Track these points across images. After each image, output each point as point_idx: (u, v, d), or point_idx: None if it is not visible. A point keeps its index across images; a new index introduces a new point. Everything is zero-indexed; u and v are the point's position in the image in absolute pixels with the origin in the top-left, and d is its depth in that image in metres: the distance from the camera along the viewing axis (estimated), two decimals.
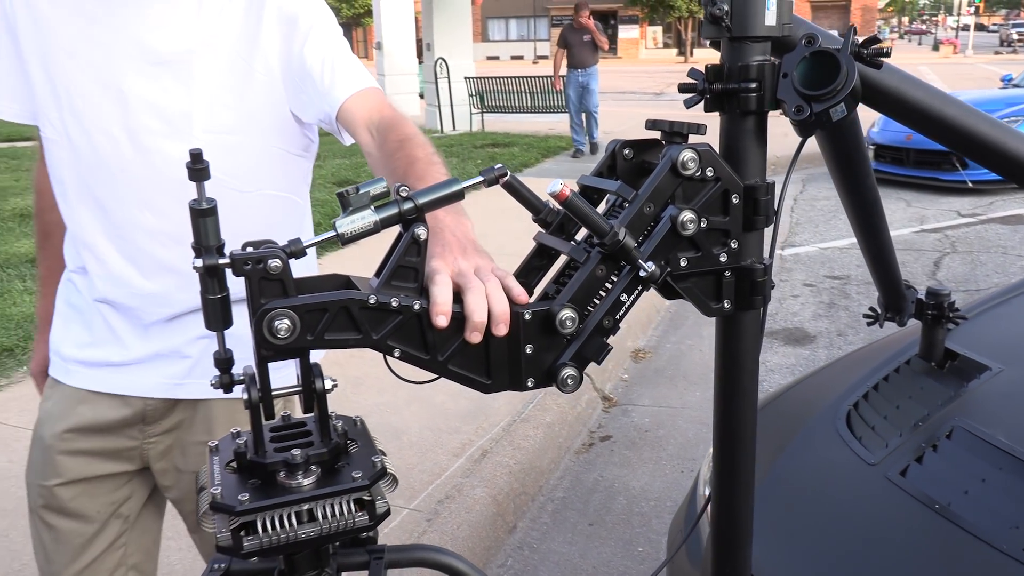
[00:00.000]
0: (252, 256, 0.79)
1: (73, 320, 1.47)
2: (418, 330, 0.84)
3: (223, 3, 1.34)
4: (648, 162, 1.00)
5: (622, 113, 15.91)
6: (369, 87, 1.35)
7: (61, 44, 1.32)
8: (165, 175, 1.34)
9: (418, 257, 0.85)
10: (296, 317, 0.79)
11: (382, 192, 0.84)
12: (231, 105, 1.35)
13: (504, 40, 52.83)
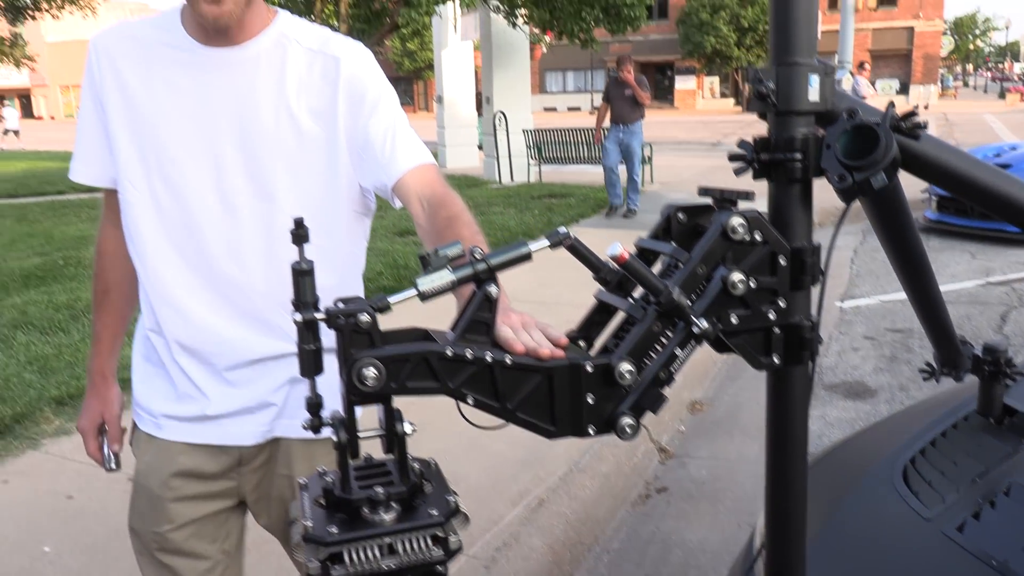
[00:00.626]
0: (344, 311, 0.89)
1: (154, 376, 1.57)
2: (490, 380, 0.93)
3: (302, 76, 1.46)
4: (701, 225, 1.08)
5: (679, 164, 15.98)
6: (425, 163, 1.46)
7: (149, 114, 1.45)
8: (251, 231, 1.46)
9: (490, 313, 0.94)
10: (382, 366, 0.88)
11: (458, 254, 0.94)
12: (312, 169, 1.47)
13: (561, 92, 53.66)
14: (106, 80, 1.47)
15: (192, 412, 1.54)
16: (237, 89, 1.44)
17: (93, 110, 1.50)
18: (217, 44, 1.43)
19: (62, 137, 36.41)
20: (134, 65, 1.46)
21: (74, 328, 5.41)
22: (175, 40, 1.45)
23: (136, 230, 1.49)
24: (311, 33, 1.51)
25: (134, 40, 1.48)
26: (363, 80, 1.48)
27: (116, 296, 1.66)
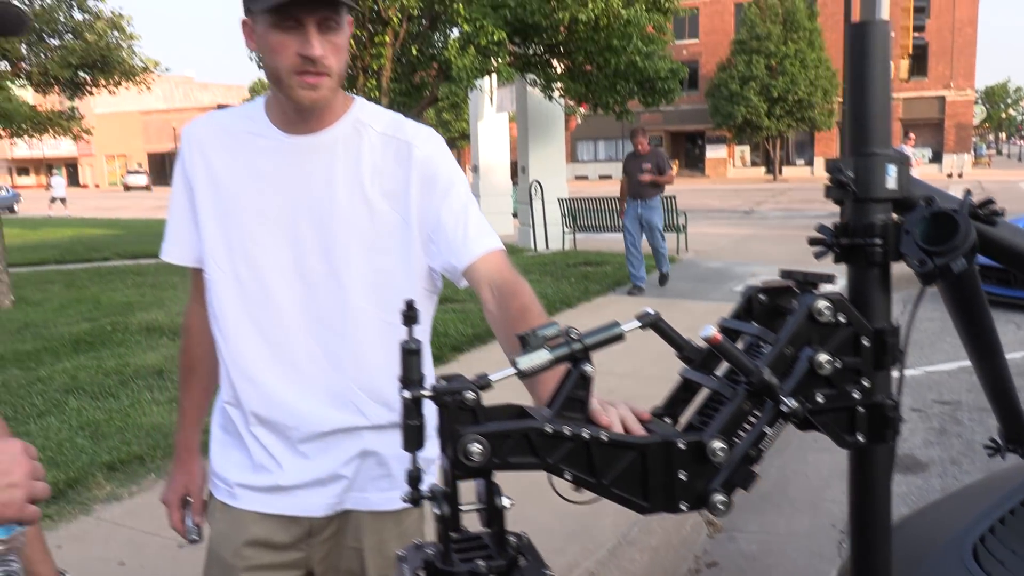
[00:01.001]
0: (451, 389, 0.93)
1: (231, 446, 1.63)
2: (586, 456, 0.96)
3: (376, 160, 1.54)
4: (780, 306, 1.12)
5: (713, 232, 16.05)
6: (495, 249, 1.52)
7: (234, 196, 1.53)
8: (326, 309, 1.53)
9: (585, 391, 0.98)
10: (486, 442, 0.92)
11: (555, 335, 0.99)
12: (385, 249, 1.53)
13: (592, 160, 54.43)
14: (196, 166, 1.56)
15: (266, 482, 1.58)
16: (315, 173, 1.52)
17: (183, 195, 1.59)
18: (298, 132, 1.52)
19: (107, 205, 37.54)
20: (221, 152, 1.55)
21: (123, 393, 5.51)
22: (259, 129, 1.54)
23: (219, 306, 1.57)
24: (385, 118, 1.59)
25: (221, 129, 1.58)
26: (435, 164, 1.55)
27: (201, 372, 1.73)
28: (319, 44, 1.38)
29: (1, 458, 1.05)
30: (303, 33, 1.38)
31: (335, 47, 1.42)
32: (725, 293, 9.34)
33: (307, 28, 1.38)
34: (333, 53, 1.42)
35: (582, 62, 12.17)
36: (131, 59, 10.65)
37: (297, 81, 1.41)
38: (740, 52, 41.65)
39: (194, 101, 70.73)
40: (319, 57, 1.39)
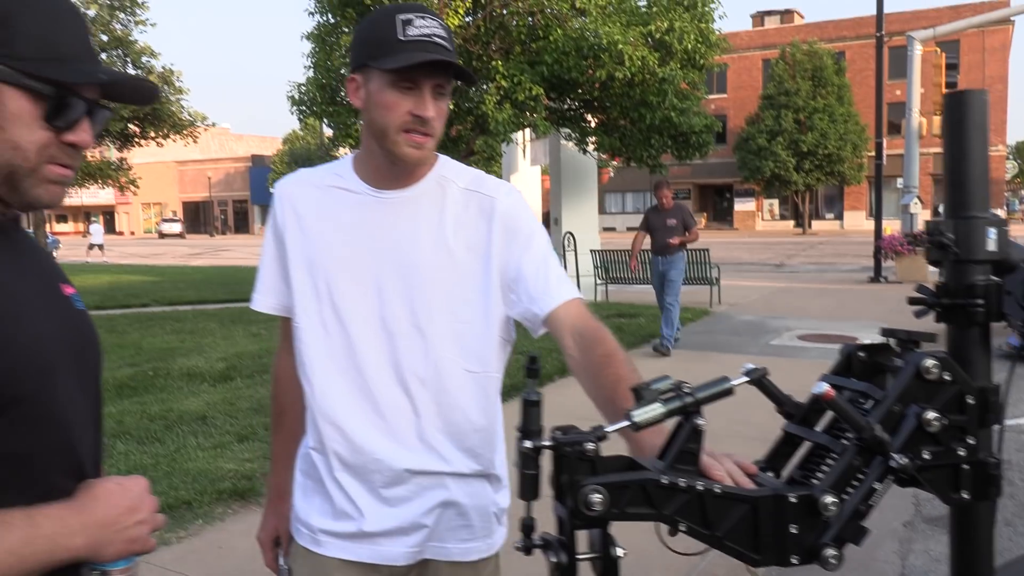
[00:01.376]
0: (572, 440, 0.97)
1: (313, 492, 1.66)
2: (700, 508, 0.99)
3: (458, 214, 1.61)
4: (880, 363, 1.14)
5: (746, 286, 16.00)
6: (576, 297, 1.58)
7: (322, 248, 1.60)
8: (408, 356, 1.57)
9: (697, 444, 1.01)
10: (606, 493, 0.95)
11: (668, 388, 1.02)
12: (466, 299, 1.59)
13: (620, 212, 54.73)
14: (287, 221, 1.64)
15: (348, 529, 1.61)
16: (400, 226, 1.59)
17: (274, 248, 1.67)
18: (386, 188, 1.60)
19: (142, 252, 38.31)
20: (311, 206, 1.63)
21: (168, 438, 5.58)
22: (348, 184, 1.62)
23: (306, 353, 1.62)
24: (467, 174, 1.66)
25: (311, 185, 1.65)
26: (517, 217, 1.62)
27: (290, 417, 1.77)
28: (432, 106, 1.47)
29: (130, 495, 1.10)
30: (419, 95, 1.47)
31: (441, 112, 1.51)
32: (762, 347, 9.29)
33: (423, 91, 1.47)
34: (439, 117, 1.51)
35: (616, 117, 12.36)
36: (180, 113, 11.00)
37: (404, 138, 1.49)
38: (768, 107, 41.97)
39: (229, 152, 72.38)
40: (431, 118, 1.47)
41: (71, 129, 1.07)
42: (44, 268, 1.19)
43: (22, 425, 1.03)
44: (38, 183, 1.07)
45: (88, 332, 1.22)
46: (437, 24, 1.47)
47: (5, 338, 1.00)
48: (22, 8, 1.02)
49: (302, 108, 12.97)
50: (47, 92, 1.03)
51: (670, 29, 10.83)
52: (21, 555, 0.95)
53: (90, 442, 1.18)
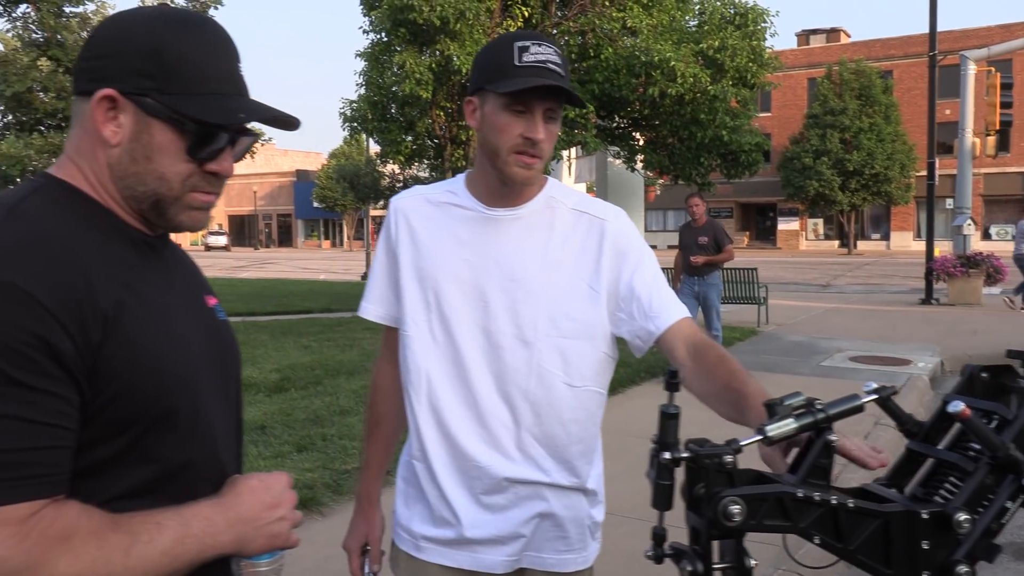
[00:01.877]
0: (711, 452, 1.00)
1: (415, 499, 1.71)
2: (833, 522, 1.02)
3: (568, 234, 1.66)
4: (1004, 383, 1.16)
5: (793, 306, 15.82)
6: (687, 316, 1.64)
7: (434, 261, 1.66)
8: (512, 369, 1.62)
9: (828, 459, 1.04)
10: (744, 504, 0.98)
11: (800, 404, 1.05)
12: (571, 315, 1.63)
13: (662, 230, 54.50)
14: (401, 234, 1.70)
15: (448, 536, 1.66)
16: (510, 242, 1.65)
17: (386, 259, 1.73)
18: (497, 206, 1.66)
19: None
20: (424, 220, 1.70)
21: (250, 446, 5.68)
22: (461, 201, 1.68)
23: (412, 362, 1.68)
24: (575, 196, 1.73)
25: (425, 200, 1.72)
26: (626, 238, 1.68)
27: (385, 427, 1.84)
28: (542, 130, 1.54)
29: (272, 491, 1.14)
30: (530, 118, 1.53)
31: (551, 135, 1.57)
32: (814, 368, 9.19)
33: (535, 114, 1.53)
34: (549, 140, 1.57)
35: (666, 134, 12.37)
36: None
37: (515, 159, 1.55)
38: (813, 126, 41.56)
39: (274, 166, 73.63)
40: (540, 141, 1.54)
41: (213, 160, 1.11)
42: (190, 280, 1.25)
43: (175, 436, 1.08)
44: (182, 210, 1.12)
45: (230, 342, 1.27)
46: (552, 51, 1.53)
47: (159, 354, 1.05)
48: (174, 42, 1.06)
49: (354, 125, 13.19)
50: (191, 128, 1.07)
51: (722, 47, 10.83)
52: (174, 555, 1.00)
53: (232, 451, 1.24)
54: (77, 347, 0.95)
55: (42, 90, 11.90)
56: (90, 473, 0.99)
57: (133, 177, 1.08)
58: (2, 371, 0.89)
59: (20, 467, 0.90)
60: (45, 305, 0.92)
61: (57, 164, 1.12)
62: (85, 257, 1.01)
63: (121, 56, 1.05)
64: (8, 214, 1.00)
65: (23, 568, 0.87)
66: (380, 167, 19.17)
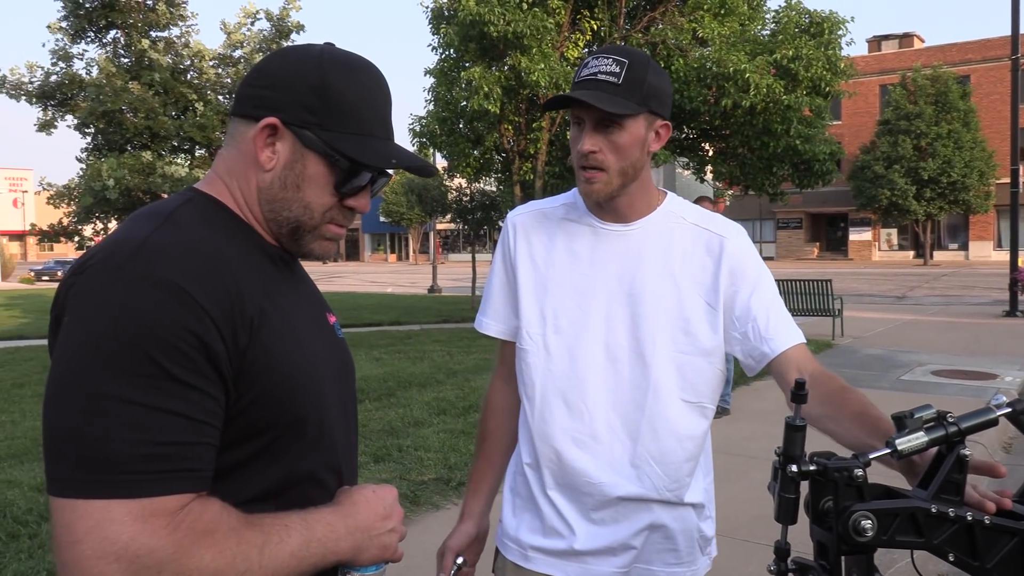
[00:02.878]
0: (840, 465, 0.99)
1: (524, 509, 1.72)
2: (968, 538, 0.99)
3: (686, 249, 1.65)
4: None
5: (868, 318, 15.39)
6: (803, 342, 1.61)
7: (551, 275, 1.67)
8: (628, 384, 1.62)
9: (961, 474, 1.01)
10: (875, 518, 0.97)
11: (931, 417, 1.03)
12: (688, 331, 1.62)
13: None
14: (519, 249, 1.72)
15: (559, 547, 1.66)
16: (628, 256, 1.64)
17: (503, 274, 1.75)
18: (614, 220, 1.66)
19: None
20: (541, 235, 1.71)
21: None
22: (577, 216, 1.70)
23: (528, 374, 1.69)
24: (695, 212, 1.71)
25: (542, 215, 1.74)
26: (746, 258, 1.66)
27: (492, 444, 1.82)
28: (590, 141, 1.53)
29: (385, 503, 1.17)
30: (581, 132, 1.55)
31: (613, 145, 1.54)
32: (894, 382, 8.91)
33: (584, 127, 1.54)
34: (610, 151, 1.54)
35: (736, 145, 12.21)
36: None
37: (580, 175, 1.57)
38: (886, 133, 40.43)
39: None
40: (587, 152, 1.53)
41: (354, 196, 1.17)
42: (314, 298, 1.30)
43: (302, 444, 1.11)
44: (315, 239, 1.18)
45: (348, 359, 1.31)
46: (611, 61, 1.52)
47: (294, 363, 1.09)
48: (341, 82, 1.12)
49: (423, 140, 13.39)
50: (342, 165, 1.12)
51: (796, 56, 10.64)
52: (300, 557, 1.02)
53: (350, 462, 1.27)
54: (228, 349, 0.99)
55: (132, 111, 12.40)
56: (223, 475, 1.03)
57: (280, 202, 1.14)
58: (162, 366, 0.93)
59: (175, 460, 0.94)
60: (203, 306, 0.97)
61: (205, 180, 1.18)
62: (234, 263, 1.06)
63: (289, 89, 1.11)
64: (166, 220, 1.05)
65: (171, 559, 0.91)
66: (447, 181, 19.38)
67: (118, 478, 0.90)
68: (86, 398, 0.92)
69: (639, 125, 1.56)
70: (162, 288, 0.95)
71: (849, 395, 1.45)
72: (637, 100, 1.52)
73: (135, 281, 0.95)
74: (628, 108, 1.52)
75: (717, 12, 11.12)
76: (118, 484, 0.90)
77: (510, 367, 1.75)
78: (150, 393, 0.92)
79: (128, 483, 0.90)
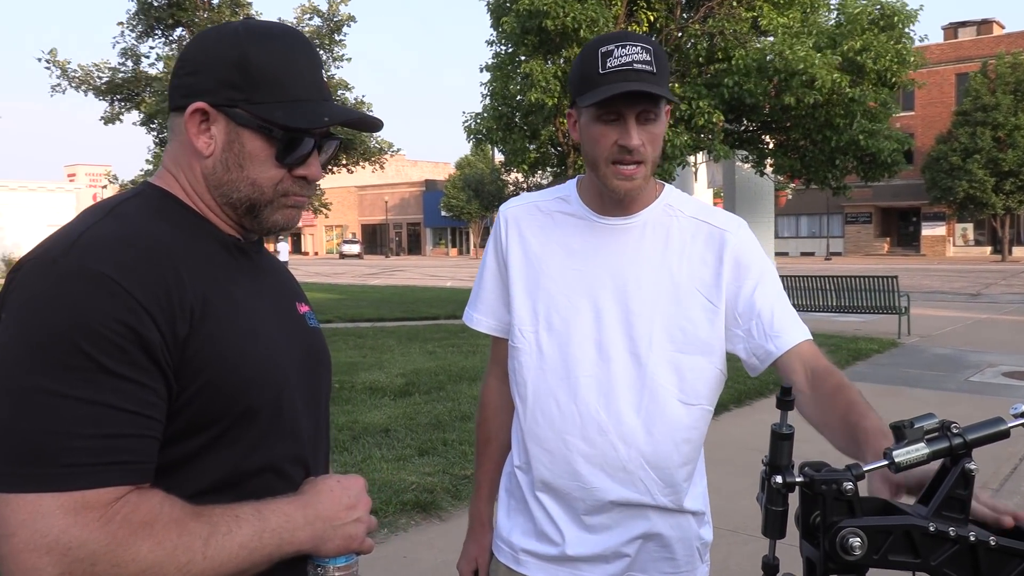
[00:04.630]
0: (829, 478, 0.92)
1: (516, 511, 1.68)
2: (971, 560, 0.91)
3: (686, 243, 1.58)
4: None
5: (939, 316, 14.84)
6: (810, 338, 1.53)
7: (544, 269, 1.62)
8: (622, 382, 1.55)
9: (966, 490, 0.93)
10: (864, 536, 0.89)
11: (933, 428, 0.95)
12: (687, 329, 1.55)
13: (794, 236, 52.51)
14: (511, 243, 1.67)
15: (550, 552, 1.61)
16: (623, 251, 1.58)
17: (495, 269, 1.70)
18: (610, 214, 1.59)
19: (324, 271, 40.79)
20: (535, 229, 1.66)
21: (355, 448, 5.86)
22: (572, 210, 1.64)
23: (520, 372, 1.64)
24: (694, 204, 1.65)
25: (535, 208, 1.68)
26: (748, 252, 1.58)
27: (495, 446, 1.78)
28: (637, 135, 1.46)
29: (350, 493, 1.14)
30: (623, 125, 1.46)
31: (652, 137, 1.49)
32: (961, 383, 8.56)
33: (627, 120, 1.46)
34: (650, 143, 1.49)
35: (797, 138, 11.88)
36: (369, 141, 11.68)
37: (613, 171, 1.49)
38: (963, 124, 38.89)
39: (404, 176, 75.91)
40: (636, 147, 1.46)
41: (301, 165, 1.14)
42: (282, 287, 1.28)
43: (256, 434, 1.09)
44: (275, 211, 1.15)
45: (319, 349, 1.29)
46: (639, 49, 1.45)
47: (243, 352, 1.07)
48: (257, 52, 1.09)
49: (479, 135, 13.41)
50: (278, 135, 1.10)
51: (864, 48, 10.25)
52: (252, 547, 1.00)
53: (320, 453, 1.24)
54: (164, 339, 0.97)
55: None
56: (174, 467, 1.02)
57: (228, 185, 1.12)
58: (92, 358, 0.92)
59: (106, 452, 0.92)
60: (135, 296, 0.95)
61: (156, 175, 1.18)
62: (176, 253, 1.04)
63: (209, 70, 1.09)
64: (107, 214, 1.05)
65: (105, 551, 0.90)
66: (504, 175, 19.40)
67: (49, 471, 0.90)
68: (18, 391, 0.91)
69: (665, 113, 1.53)
70: (93, 280, 0.94)
71: (839, 396, 1.37)
72: (667, 88, 1.49)
73: (67, 275, 0.95)
74: (674, 97, 1.50)
75: (778, 2, 10.80)
76: (49, 477, 0.90)
77: (503, 365, 1.71)
78: (81, 385, 0.91)
79: (59, 476, 0.90)
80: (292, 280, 1.35)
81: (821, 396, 1.41)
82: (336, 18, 10.67)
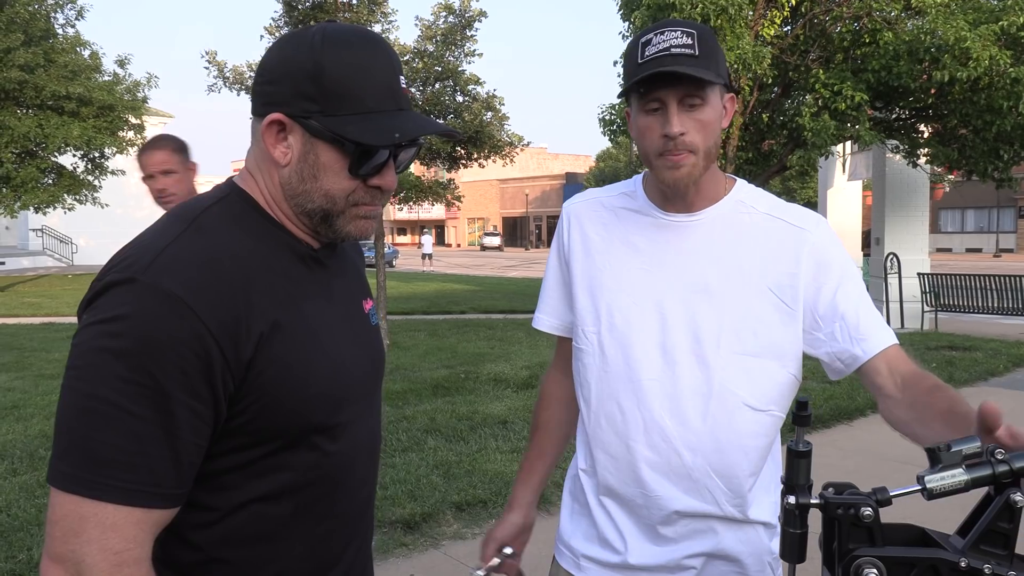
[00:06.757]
0: (846, 501, 0.84)
1: (579, 515, 1.63)
2: None
3: (759, 241, 1.49)
4: None
5: None
6: (896, 343, 1.43)
7: (607, 268, 1.56)
8: (688, 387, 1.48)
9: (1011, 524, 0.83)
10: (883, 568, 0.81)
11: (974, 452, 0.85)
12: (759, 332, 1.46)
13: (959, 231, 48.85)
14: (574, 241, 1.63)
15: (612, 560, 1.56)
16: (690, 249, 1.51)
17: (558, 268, 1.67)
18: (676, 210, 1.53)
19: (465, 262, 41.70)
20: (598, 226, 1.61)
21: (472, 438, 5.97)
22: (637, 205, 1.58)
23: (583, 374, 1.59)
24: (769, 200, 1.55)
25: (599, 204, 1.63)
26: (829, 251, 1.49)
27: (544, 435, 1.76)
28: (678, 122, 1.39)
29: None
30: (665, 114, 1.40)
31: (700, 124, 1.41)
32: None
33: (668, 108, 1.39)
34: (698, 130, 1.41)
35: (955, 125, 11.01)
36: (499, 135, 11.81)
37: (661, 162, 1.43)
38: None
39: (545, 170, 76.33)
40: (677, 134, 1.39)
41: (375, 176, 1.14)
42: (352, 287, 1.29)
43: (315, 451, 1.12)
44: (348, 221, 1.16)
45: (378, 349, 1.31)
46: (679, 34, 1.38)
47: (308, 372, 1.10)
48: (333, 62, 1.08)
49: (612, 129, 13.26)
50: (351, 149, 1.09)
51: None
52: None
53: (371, 456, 1.27)
54: (228, 362, 1.01)
55: None
56: (229, 475, 1.06)
57: (303, 195, 1.13)
58: (154, 376, 0.96)
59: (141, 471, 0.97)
60: (203, 319, 0.99)
61: (240, 175, 1.20)
62: (251, 273, 1.07)
63: (287, 80, 1.09)
64: (189, 225, 1.08)
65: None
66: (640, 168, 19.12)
67: (95, 477, 0.95)
68: (84, 396, 0.96)
69: (718, 98, 1.44)
70: (167, 302, 0.98)
71: (938, 394, 1.28)
72: (715, 71, 1.40)
73: (144, 293, 0.98)
74: (717, 79, 1.41)
75: None
76: (93, 483, 0.95)
77: (567, 360, 1.66)
78: (141, 402, 0.95)
79: (103, 485, 0.95)
80: (362, 276, 1.37)
81: (916, 397, 1.32)
82: (468, 14, 10.82)
